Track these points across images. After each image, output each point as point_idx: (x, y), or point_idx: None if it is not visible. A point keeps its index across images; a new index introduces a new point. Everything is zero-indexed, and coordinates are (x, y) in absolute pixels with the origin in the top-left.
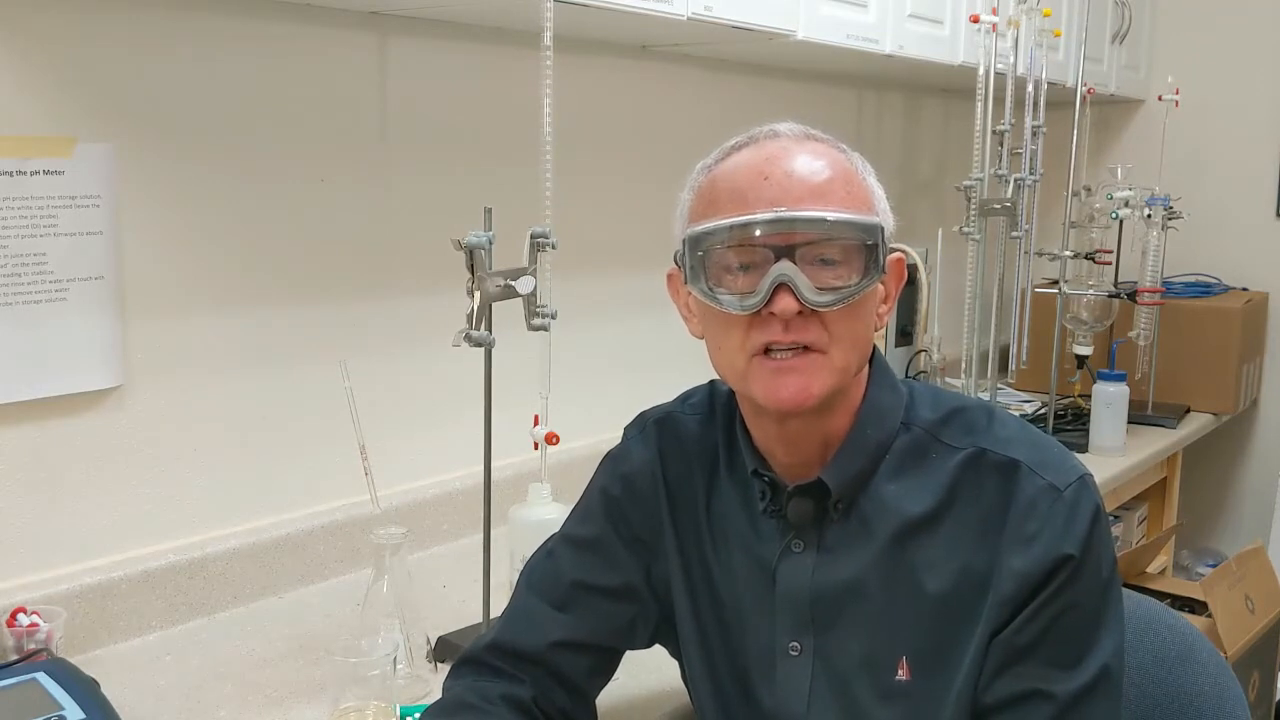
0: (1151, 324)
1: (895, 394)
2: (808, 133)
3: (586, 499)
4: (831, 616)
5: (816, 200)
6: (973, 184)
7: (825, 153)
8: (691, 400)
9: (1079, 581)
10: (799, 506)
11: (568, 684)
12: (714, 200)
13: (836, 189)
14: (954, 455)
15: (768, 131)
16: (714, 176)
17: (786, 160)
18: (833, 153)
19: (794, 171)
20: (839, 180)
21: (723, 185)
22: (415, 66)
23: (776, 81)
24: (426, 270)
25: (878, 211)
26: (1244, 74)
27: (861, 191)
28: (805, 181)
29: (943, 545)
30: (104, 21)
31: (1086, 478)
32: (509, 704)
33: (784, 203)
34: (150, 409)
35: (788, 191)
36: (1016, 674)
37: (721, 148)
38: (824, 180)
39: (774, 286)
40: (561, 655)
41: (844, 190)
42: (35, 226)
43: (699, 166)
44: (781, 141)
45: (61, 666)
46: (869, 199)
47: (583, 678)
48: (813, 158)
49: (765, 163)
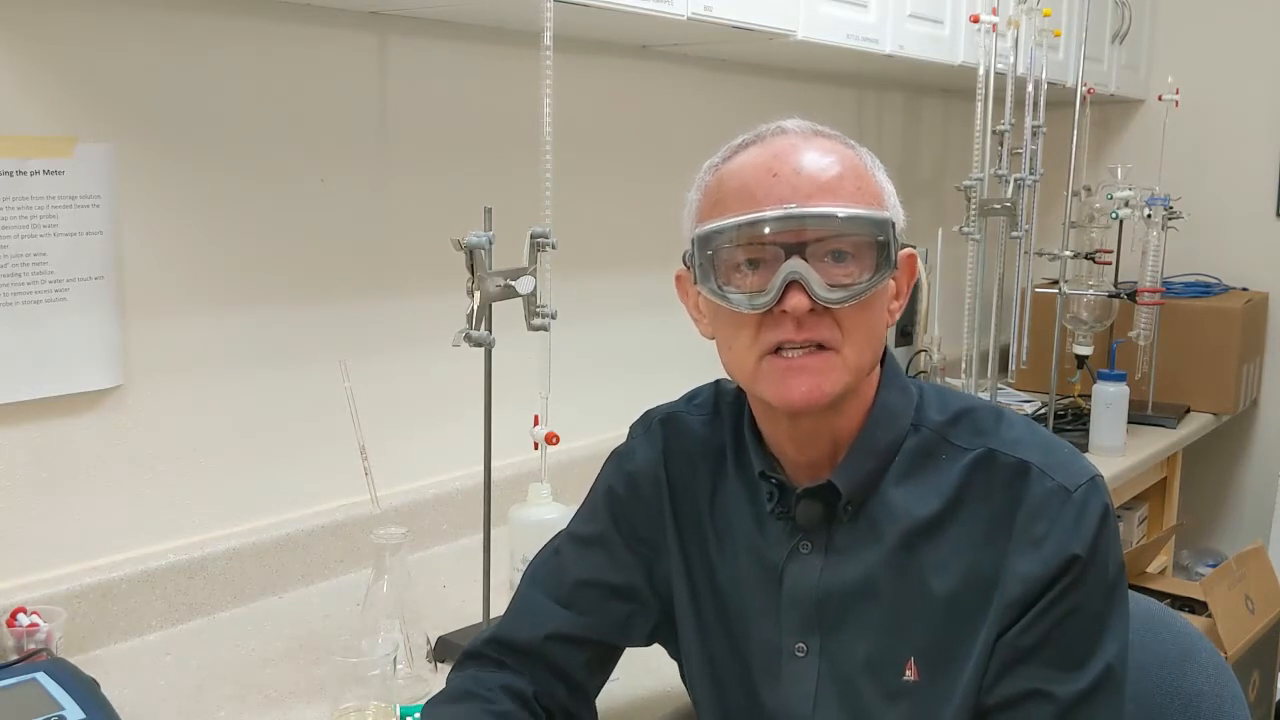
0: (1151, 324)
1: (906, 395)
2: (815, 129)
3: (592, 497)
4: (839, 617)
5: (826, 196)
6: (973, 184)
7: (834, 148)
8: (696, 400)
9: (1085, 582)
10: (808, 509)
11: (566, 678)
12: (722, 199)
13: (846, 185)
14: (963, 456)
15: (775, 128)
16: (721, 175)
17: (795, 157)
18: (841, 148)
19: (803, 168)
20: (849, 176)
21: (731, 183)
22: (415, 66)
23: (776, 81)
24: (426, 270)
25: (888, 206)
26: (1244, 74)
27: (871, 186)
28: (815, 178)
29: (951, 546)
30: (104, 21)
31: (1097, 479)
32: (509, 694)
33: (793, 199)
34: (150, 409)
35: (797, 188)
36: (1019, 675)
37: (728, 146)
38: (833, 176)
39: (785, 284)
40: (558, 648)
41: (854, 186)
42: (35, 226)
43: (706, 165)
44: (789, 138)
45: (61, 666)
46: (879, 194)
47: (580, 672)
48: (821, 154)
49: (773, 160)
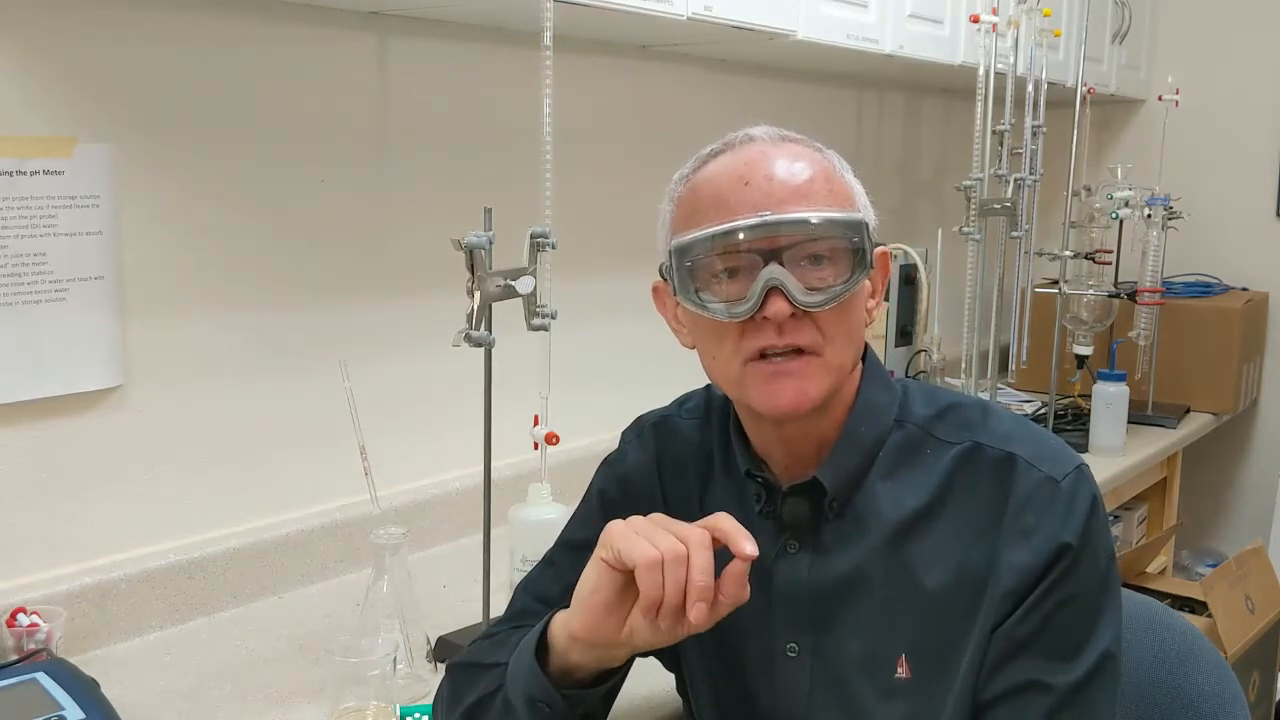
0: (1151, 324)
1: (888, 391)
2: (783, 134)
3: (584, 504)
4: (829, 616)
5: (799, 201)
6: (973, 184)
7: (803, 153)
8: (688, 404)
9: (1077, 571)
10: (794, 507)
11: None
12: (696, 209)
13: (818, 189)
14: (949, 451)
15: (743, 136)
16: (694, 185)
17: (766, 164)
18: (810, 153)
19: (774, 174)
20: (819, 180)
21: (704, 193)
22: (415, 66)
23: (776, 81)
24: (426, 270)
25: (859, 207)
26: (1244, 74)
27: (842, 189)
28: (786, 184)
29: (940, 541)
30: (104, 21)
31: (1083, 468)
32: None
33: (767, 206)
34: (150, 409)
35: (770, 195)
36: (1016, 666)
37: (698, 156)
38: (805, 181)
39: (765, 291)
40: None
41: (825, 189)
42: (35, 226)
43: (676, 176)
44: (758, 145)
45: (61, 666)
46: (850, 196)
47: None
48: (791, 159)
49: (745, 167)
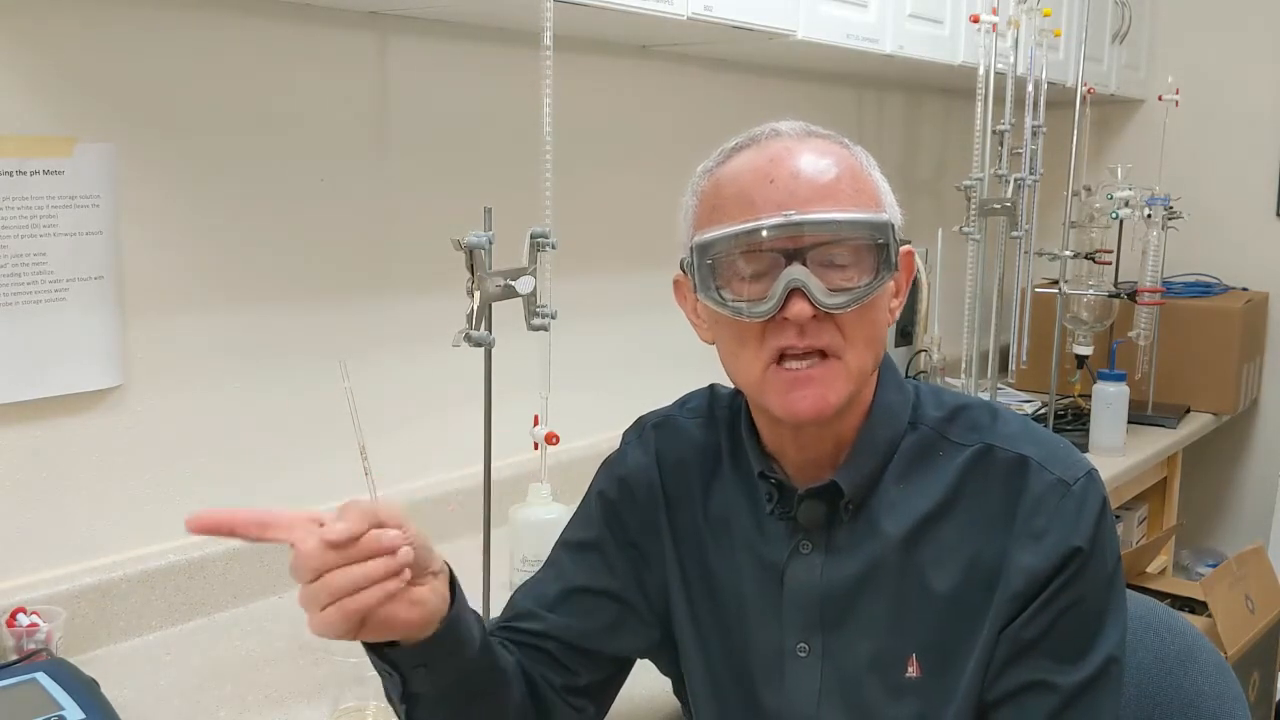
0: (1151, 324)
1: (902, 393)
2: (809, 130)
3: (584, 505)
4: (841, 616)
5: (824, 201)
6: (973, 184)
7: (830, 150)
8: (690, 405)
9: (1086, 574)
10: (811, 509)
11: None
12: (719, 205)
13: (844, 188)
14: (961, 452)
15: (769, 131)
16: (717, 180)
17: (791, 161)
18: (837, 149)
19: (800, 172)
20: (846, 178)
21: (727, 189)
22: (415, 66)
23: (776, 81)
24: (426, 270)
25: (885, 207)
26: (1244, 74)
27: (869, 188)
28: (812, 182)
29: (951, 542)
30: (104, 21)
31: (1094, 472)
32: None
33: (791, 205)
34: (150, 409)
35: (794, 193)
36: (1022, 667)
37: (722, 149)
38: (831, 179)
39: (787, 291)
40: (551, 644)
41: (851, 188)
42: (35, 226)
43: (700, 169)
44: (784, 141)
45: (61, 666)
46: (876, 195)
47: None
48: (817, 156)
49: (769, 164)
